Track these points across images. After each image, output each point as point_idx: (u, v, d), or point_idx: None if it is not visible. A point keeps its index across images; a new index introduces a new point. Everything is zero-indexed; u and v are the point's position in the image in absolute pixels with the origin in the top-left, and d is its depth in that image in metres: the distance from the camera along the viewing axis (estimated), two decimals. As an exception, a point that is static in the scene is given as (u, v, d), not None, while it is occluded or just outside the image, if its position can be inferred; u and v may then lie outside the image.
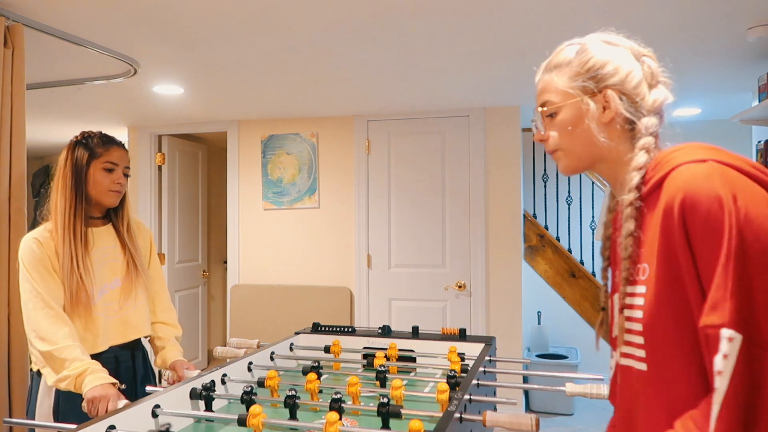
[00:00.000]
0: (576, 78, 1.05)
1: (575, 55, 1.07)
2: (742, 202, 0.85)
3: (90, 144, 1.87)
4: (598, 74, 1.04)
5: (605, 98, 1.03)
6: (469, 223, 4.07)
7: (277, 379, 1.71)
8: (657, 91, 1.06)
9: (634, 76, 1.04)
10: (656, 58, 1.09)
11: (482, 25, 2.40)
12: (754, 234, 0.84)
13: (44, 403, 1.79)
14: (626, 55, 1.05)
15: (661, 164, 0.98)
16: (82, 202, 1.85)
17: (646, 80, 1.05)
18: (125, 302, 1.93)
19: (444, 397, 1.55)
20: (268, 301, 4.39)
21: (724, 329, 0.82)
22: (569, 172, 1.11)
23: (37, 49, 2.59)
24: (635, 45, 1.08)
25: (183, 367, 1.93)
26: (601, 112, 1.04)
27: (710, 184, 0.87)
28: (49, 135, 5.16)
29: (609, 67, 1.04)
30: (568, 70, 1.07)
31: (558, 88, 1.07)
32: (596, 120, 1.04)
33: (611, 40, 1.07)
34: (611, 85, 1.03)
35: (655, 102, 1.05)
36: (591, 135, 1.04)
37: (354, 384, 1.61)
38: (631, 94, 1.03)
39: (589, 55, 1.05)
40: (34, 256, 1.78)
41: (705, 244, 0.86)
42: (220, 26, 2.40)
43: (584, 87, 1.05)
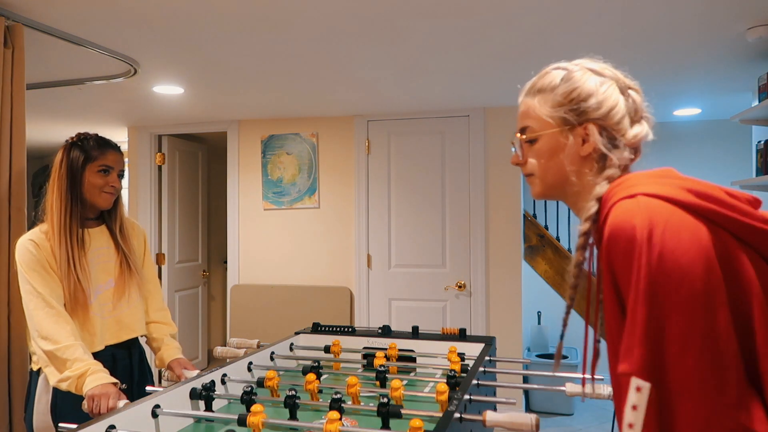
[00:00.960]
0: (558, 108, 1.03)
1: (560, 82, 1.04)
2: (658, 239, 0.81)
3: (86, 146, 1.88)
4: (581, 107, 1.02)
5: (585, 131, 1.01)
6: (469, 223, 4.07)
7: (276, 379, 1.71)
8: (639, 127, 1.03)
9: (617, 111, 1.01)
10: (641, 91, 1.06)
11: (482, 25, 2.40)
12: (667, 272, 0.80)
13: (42, 400, 1.80)
14: (612, 87, 1.03)
15: (607, 198, 0.96)
16: (78, 204, 1.86)
17: (629, 115, 1.02)
18: (118, 302, 1.93)
19: (443, 398, 1.55)
20: (268, 301, 4.39)
21: (633, 378, 0.79)
22: (540, 197, 1.11)
23: (37, 49, 2.59)
24: (622, 76, 1.06)
25: (181, 366, 1.94)
26: (579, 145, 1.02)
27: (628, 221, 0.84)
28: (49, 135, 5.16)
29: (592, 101, 1.01)
30: (551, 98, 1.05)
31: (539, 115, 1.05)
32: (573, 154, 1.03)
33: (598, 70, 1.05)
34: (593, 119, 1.01)
35: (635, 137, 1.01)
36: (565, 166, 1.03)
37: (353, 385, 1.61)
38: (612, 129, 1.01)
39: (574, 85, 1.03)
40: (32, 257, 1.78)
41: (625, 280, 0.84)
42: (220, 26, 2.40)
43: (565, 118, 1.03)
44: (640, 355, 0.79)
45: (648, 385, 0.78)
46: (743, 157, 4.46)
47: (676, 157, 4.84)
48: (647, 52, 2.75)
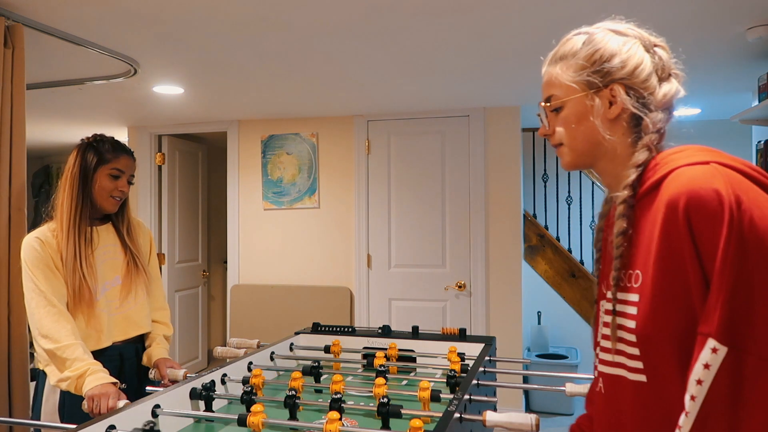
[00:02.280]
0: (581, 71, 1.00)
1: (582, 46, 1.02)
2: (747, 206, 0.80)
3: (101, 149, 1.91)
4: (605, 67, 0.98)
5: (612, 93, 0.98)
6: (469, 223, 4.07)
7: (261, 377, 1.70)
8: (668, 85, 0.99)
9: (643, 68, 0.98)
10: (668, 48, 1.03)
11: (482, 25, 2.40)
12: (759, 238, 0.79)
13: (49, 400, 1.82)
14: (635, 46, 1.00)
15: (660, 165, 0.93)
16: (87, 204, 1.89)
17: (656, 73, 0.99)
18: (125, 299, 1.96)
19: (426, 395, 1.54)
20: (268, 301, 4.39)
21: (710, 339, 0.79)
22: (571, 167, 1.06)
23: (37, 49, 2.59)
24: (646, 34, 1.03)
25: (166, 366, 1.94)
26: (606, 107, 0.98)
27: (714, 185, 0.82)
28: (49, 135, 5.16)
29: (616, 60, 0.98)
30: (573, 63, 1.01)
31: (563, 82, 1.02)
32: (601, 117, 0.99)
33: (620, 29, 1.03)
34: (618, 79, 0.98)
35: (665, 96, 0.98)
36: (595, 132, 0.99)
37: (338, 382, 1.61)
38: (639, 88, 0.97)
39: (596, 47, 1.00)
40: (36, 254, 1.80)
41: (710, 247, 0.81)
42: (220, 26, 2.40)
43: (590, 81, 0.99)
44: (721, 317, 0.78)
45: (725, 348, 0.78)
46: (743, 157, 4.45)
47: (676, 157, 4.84)
48: (647, 52, 2.75)
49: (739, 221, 0.79)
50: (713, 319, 0.79)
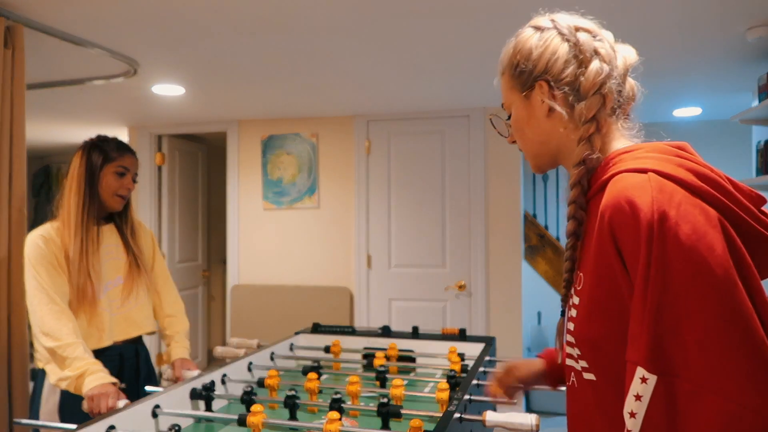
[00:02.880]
0: (512, 76, 1.00)
1: (510, 54, 1.01)
2: (672, 222, 0.74)
3: (106, 148, 1.95)
4: (527, 67, 0.96)
5: (539, 91, 0.95)
6: (469, 223, 4.07)
7: (277, 378, 1.71)
8: (590, 68, 0.93)
9: (556, 59, 0.94)
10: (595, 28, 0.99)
11: (482, 25, 2.40)
12: (683, 258, 0.73)
13: (49, 400, 1.82)
14: (551, 37, 0.96)
15: (608, 165, 0.89)
16: (95, 202, 1.92)
17: (576, 58, 0.93)
18: (127, 299, 1.98)
19: (444, 396, 1.55)
20: (268, 301, 4.39)
21: (639, 368, 0.74)
22: (536, 171, 1.05)
23: (37, 49, 2.59)
24: (568, 20, 0.98)
25: (183, 367, 1.95)
26: (539, 106, 0.96)
27: (642, 198, 0.77)
28: (49, 135, 5.16)
29: (533, 57, 0.96)
30: (507, 69, 1.01)
31: (505, 90, 1.03)
32: (540, 118, 0.96)
33: (540, 24, 1.00)
34: (538, 76, 0.95)
35: (589, 79, 0.92)
36: (539, 131, 0.98)
37: (354, 383, 1.61)
38: (559, 79, 0.93)
39: (516, 49, 0.99)
40: (40, 252, 1.81)
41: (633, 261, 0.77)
42: (220, 26, 2.40)
43: (519, 84, 0.98)
44: (647, 343, 0.74)
45: (654, 377, 0.73)
46: (743, 157, 4.46)
47: (676, 157, 4.84)
48: (647, 52, 2.74)
49: (660, 240, 0.74)
50: (639, 346, 0.74)
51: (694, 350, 0.72)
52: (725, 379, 0.70)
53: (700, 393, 0.71)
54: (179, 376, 1.92)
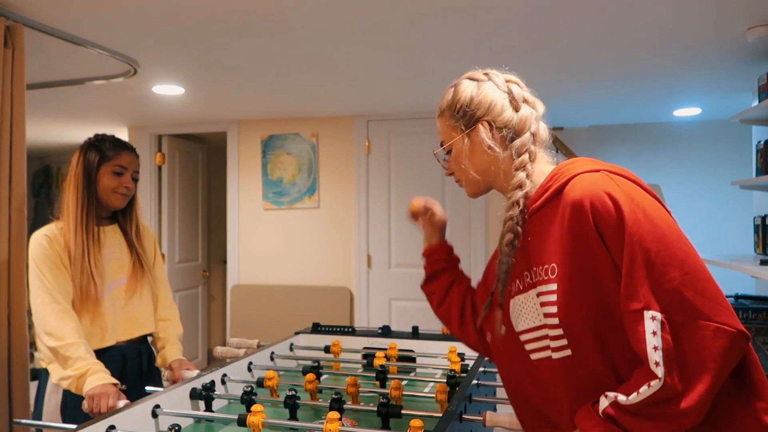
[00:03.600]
0: (453, 118, 1.20)
1: (450, 98, 1.21)
2: (638, 201, 0.99)
3: (102, 147, 1.93)
4: (468, 111, 1.17)
5: (478, 131, 1.16)
6: (469, 223, 4.07)
7: (276, 379, 1.71)
8: (521, 112, 1.16)
9: (495, 104, 1.16)
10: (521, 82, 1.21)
11: (482, 25, 2.40)
12: (654, 224, 0.97)
13: (52, 400, 1.82)
14: (489, 88, 1.18)
15: (558, 175, 1.09)
16: (93, 202, 1.91)
17: (512, 104, 1.17)
18: (130, 299, 1.97)
19: (444, 398, 1.55)
20: (268, 301, 4.39)
21: (646, 311, 0.93)
22: (472, 196, 1.27)
23: (37, 49, 2.59)
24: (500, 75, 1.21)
25: (182, 368, 1.95)
26: (478, 142, 1.17)
27: (611, 188, 1.00)
28: (49, 135, 5.15)
29: (474, 103, 1.17)
30: (448, 113, 1.21)
31: (445, 130, 1.23)
32: (479, 153, 1.17)
33: (477, 76, 1.21)
34: (479, 118, 1.16)
35: (521, 121, 1.15)
36: (479, 163, 1.18)
37: (353, 384, 1.61)
38: (498, 121, 1.16)
39: (458, 96, 1.19)
40: (44, 252, 1.81)
41: (615, 238, 0.98)
42: (220, 26, 2.40)
43: (459, 125, 1.19)
44: (647, 290, 0.94)
45: (660, 315, 0.93)
46: (743, 157, 4.45)
47: (676, 157, 4.84)
48: (647, 52, 2.75)
49: (634, 213, 0.97)
50: (641, 295, 0.94)
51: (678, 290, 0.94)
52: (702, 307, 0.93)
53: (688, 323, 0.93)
54: (179, 377, 1.91)
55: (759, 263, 2.45)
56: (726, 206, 4.63)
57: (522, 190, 1.13)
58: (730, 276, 3.76)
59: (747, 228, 3.59)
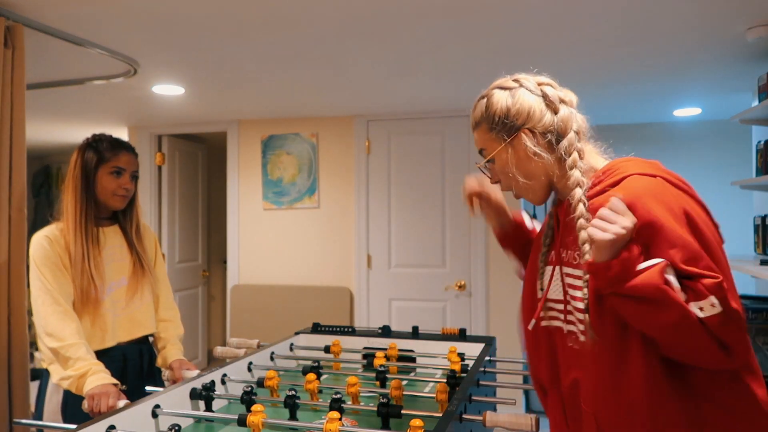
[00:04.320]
0: (493, 129, 1.21)
1: (485, 110, 1.22)
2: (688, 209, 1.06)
3: (99, 148, 1.91)
4: (507, 122, 1.19)
5: (521, 139, 1.18)
6: (469, 223, 4.07)
7: (276, 379, 1.71)
8: (560, 113, 1.18)
9: (534, 110, 1.18)
10: (554, 82, 1.22)
11: (482, 25, 2.40)
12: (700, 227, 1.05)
13: (52, 400, 1.83)
14: (523, 95, 1.19)
15: (611, 171, 1.15)
16: (92, 204, 1.90)
17: (549, 108, 1.19)
18: (131, 300, 1.97)
19: (444, 398, 1.55)
20: (268, 301, 4.39)
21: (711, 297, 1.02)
22: (537, 203, 1.26)
23: (37, 49, 2.58)
24: (531, 79, 1.21)
25: (182, 368, 1.95)
26: (522, 150, 1.19)
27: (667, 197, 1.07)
28: (49, 135, 5.15)
29: (512, 112, 1.18)
30: (485, 125, 1.23)
31: (485, 141, 1.24)
32: (524, 159, 1.19)
33: (507, 85, 1.22)
34: (521, 126, 1.18)
35: (562, 123, 1.18)
36: (528, 171, 1.20)
37: (353, 384, 1.61)
38: (539, 126, 1.18)
39: (493, 108, 1.20)
40: (45, 253, 1.81)
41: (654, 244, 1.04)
42: (220, 26, 2.40)
43: (501, 135, 1.21)
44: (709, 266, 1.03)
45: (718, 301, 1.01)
46: (743, 157, 4.45)
47: (676, 157, 4.84)
48: (647, 51, 2.75)
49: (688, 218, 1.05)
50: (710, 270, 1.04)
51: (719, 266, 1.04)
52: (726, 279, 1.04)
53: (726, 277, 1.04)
54: (179, 377, 1.91)
55: (759, 263, 2.45)
56: (726, 206, 4.62)
57: (581, 188, 1.15)
58: (730, 276, 3.76)
59: (747, 228, 3.58)
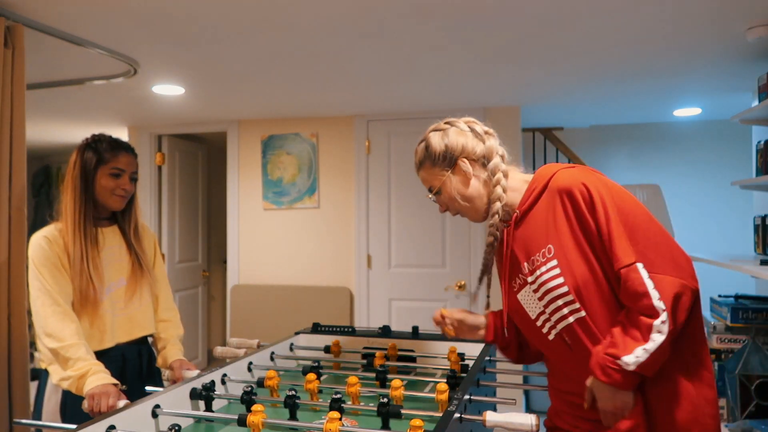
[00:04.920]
0: (435, 165, 1.49)
1: (426, 151, 1.51)
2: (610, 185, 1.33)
3: (98, 149, 1.90)
4: (447, 156, 1.48)
5: (459, 167, 1.46)
6: (469, 223, 4.07)
7: (276, 379, 1.71)
8: (487, 143, 1.48)
9: (465, 143, 1.47)
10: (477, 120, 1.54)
11: (482, 25, 2.40)
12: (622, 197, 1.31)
13: (51, 399, 1.82)
14: (454, 132, 1.49)
15: (539, 177, 1.41)
16: (91, 204, 1.90)
17: (478, 139, 1.49)
18: (130, 301, 1.97)
19: (444, 398, 1.55)
20: (268, 301, 4.39)
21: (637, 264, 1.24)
22: (478, 221, 1.53)
23: (37, 49, 2.59)
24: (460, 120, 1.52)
25: (182, 368, 1.95)
26: (463, 177, 1.47)
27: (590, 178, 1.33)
28: (49, 135, 5.16)
29: (450, 147, 1.48)
30: (428, 163, 1.51)
31: (429, 177, 1.52)
32: (462, 183, 1.47)
33: (440, 127, 1.52)
34: (458, 157, 1.47)
35: (488, 150, 1.48)
36: (470, 192, 1.47)
37: (353, 384, 1.61)
38: (472, 154, 1.47)
39: (433, 148, 1.50)
40: (44, 253, 1.80)
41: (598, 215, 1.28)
42: (220, 26, 2.40)
43: (444, 167, 1.48)
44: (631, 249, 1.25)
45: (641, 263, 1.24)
46: (743, 157, 4.46)
47: (676, 157, 4.84)
48: (647, 51, 2.75)
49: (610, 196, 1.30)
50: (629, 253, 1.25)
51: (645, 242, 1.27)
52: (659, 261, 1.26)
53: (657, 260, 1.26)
54: (180, 377, 1.91)
55: (759, 263, 2.45)
56: (726, 206, 4.63)
57: (500, 202, 1.43)
58: (730, 276, 3.76)
59: (747, 228, 3.59)
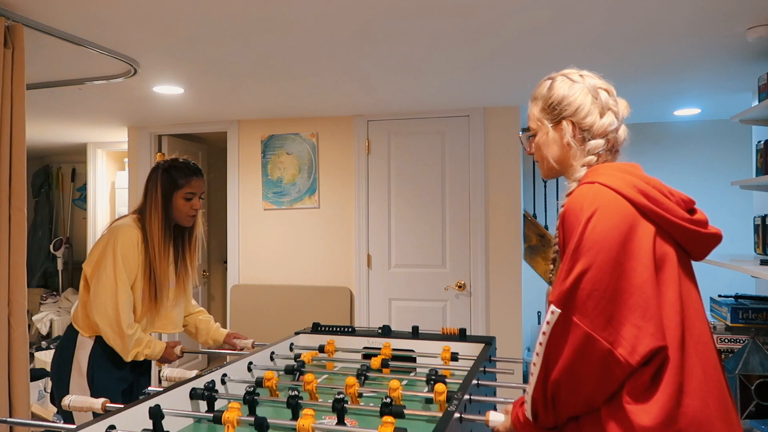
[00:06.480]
0: (543, 110, 1.37)
1: (545, 91, 1.37)
2: (594, 218, 1.15)
3: (174, 175, 2.19)
4: (557, 108, 1.34)
5: (561, 127, 1.33)
6: (469, 223, 4.07)
7: (275, 379, 1.71)
8: (605, 119, 1.32)
9: (582, 108, 1.31)
10: (612, 89, 1.36)
11: (482, 25, 2.40)
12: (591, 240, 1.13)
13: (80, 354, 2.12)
14: (581, 90, 1.32)
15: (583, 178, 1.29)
16: (170, 221, 2.20)
17: (598, 110, 1.32)
18: (177, 301, 2.27)
19: (444, 398, 1.55)
20: (268, 301, 4.39)
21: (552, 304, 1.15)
22: (546, 177, 1.44)
23: (37, 49, 2.59)
24: (594, 79, 1.35)
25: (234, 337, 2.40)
26: (561, 136, 1.34)
27: (580, 202, 1.19)
28: (49, 135, 5.15)
29: (564, 102, 1.32)
30: (540, 103, 1.38)
31: (534, 116, 1.40)
32: (558, 144, 1.35)
33: (573, 78, 1.35)
34: (566, 117, 1.33)
35: (600, 127, 1.31)
36: (556, 153, 1.36)
37: (352, 385, 1.61)
38: (580, 123, 1.31)
39: (552, 92, 1.35)
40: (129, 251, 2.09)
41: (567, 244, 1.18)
42: (219, 26, 2.40)
43: (548, 117, 1.36)
44: (561, 290, 1.14)
45: (559, 311, 1.13)
46: (743, 157, 4.46)
47: (676, 157, 4.84)
48: (647, 51, 2.75)
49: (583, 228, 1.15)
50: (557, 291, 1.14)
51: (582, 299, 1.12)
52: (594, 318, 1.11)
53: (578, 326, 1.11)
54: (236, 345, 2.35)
55: (759, 263, 2.45)
56: (726, 206, 4.63)
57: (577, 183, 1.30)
58: (730, 276, 3.76)
59: (747, 228, 3.59)
